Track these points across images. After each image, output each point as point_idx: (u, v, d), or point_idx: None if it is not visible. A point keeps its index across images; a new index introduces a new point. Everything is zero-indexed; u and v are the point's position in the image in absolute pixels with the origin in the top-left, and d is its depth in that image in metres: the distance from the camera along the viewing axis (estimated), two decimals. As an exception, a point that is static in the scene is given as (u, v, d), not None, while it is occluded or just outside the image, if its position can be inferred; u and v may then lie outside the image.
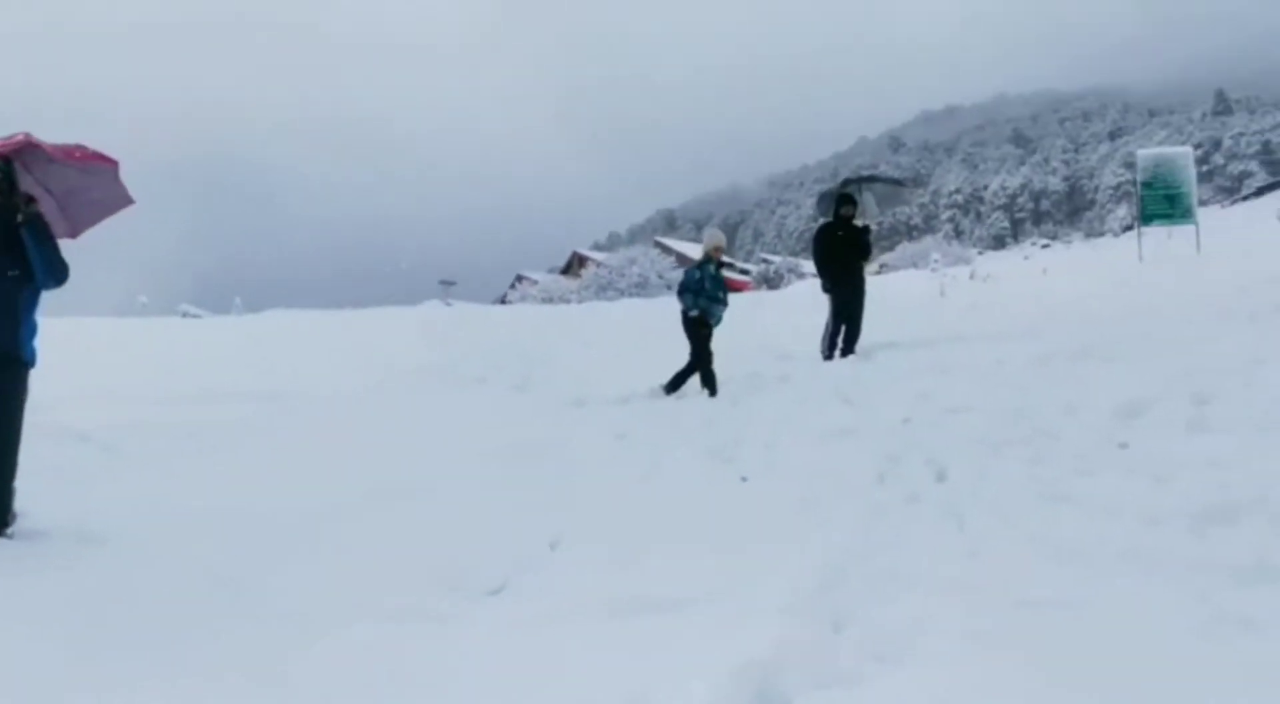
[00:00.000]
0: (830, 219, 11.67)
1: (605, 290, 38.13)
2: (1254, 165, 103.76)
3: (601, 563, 4.53)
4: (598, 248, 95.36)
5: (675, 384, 10.12)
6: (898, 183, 13.93)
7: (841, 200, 11.51)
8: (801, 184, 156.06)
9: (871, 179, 13.29)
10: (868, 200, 12.29)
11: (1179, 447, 5.23)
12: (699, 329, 10.22)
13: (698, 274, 10.43)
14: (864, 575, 3.83)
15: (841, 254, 11.34)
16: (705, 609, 3.73)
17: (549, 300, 38.22)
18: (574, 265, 66.61)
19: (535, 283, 50.08)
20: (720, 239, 10.99)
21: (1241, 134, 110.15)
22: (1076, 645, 2.88)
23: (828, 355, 11.14)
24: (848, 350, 11.04)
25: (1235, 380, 6.35)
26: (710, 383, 9.99)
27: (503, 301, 46.32)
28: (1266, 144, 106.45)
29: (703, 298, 10.24)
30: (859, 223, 11.61)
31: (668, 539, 4.73)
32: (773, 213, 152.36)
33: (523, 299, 42.16)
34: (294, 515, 5.78)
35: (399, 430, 8.43)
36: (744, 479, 5.91)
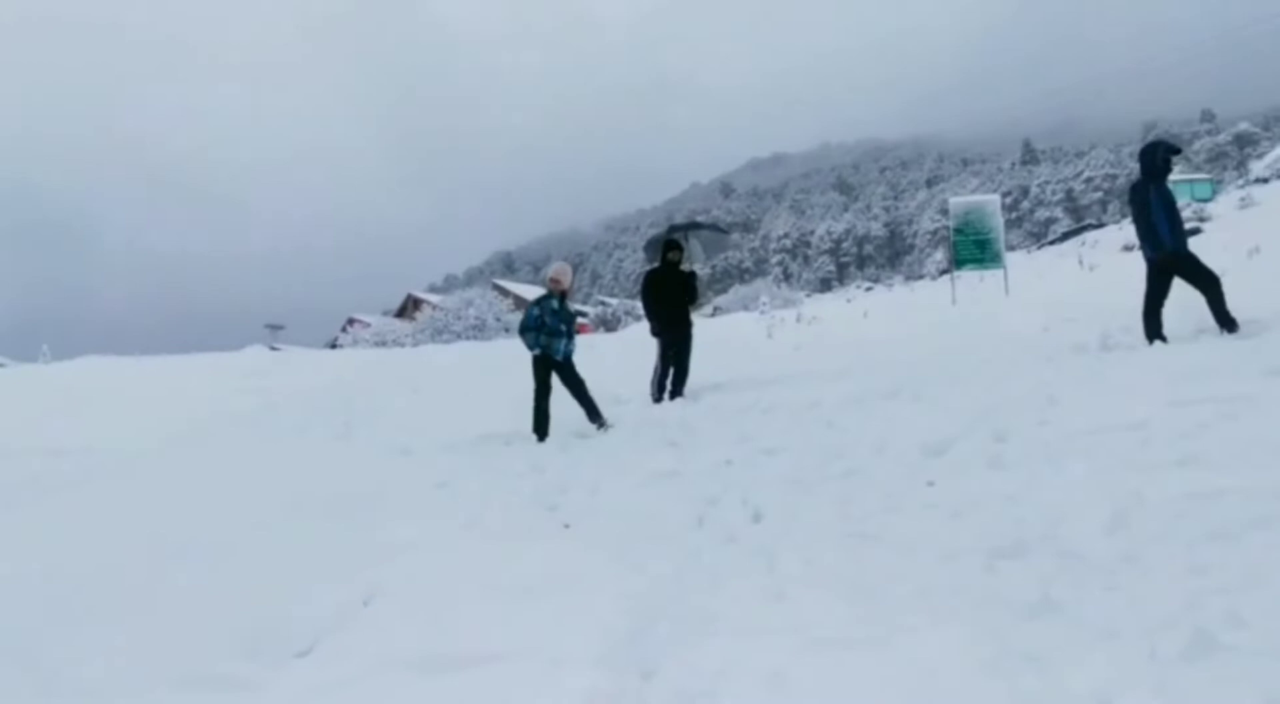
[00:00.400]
0: (658, 264, 11.86)
1: (441, 333, 37.65)
2: (1059, 211, 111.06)
3: (416, 618, 4.41)
4: (434, 290, 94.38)
5: (592, 413, 10.11)
6: (722, 230, 14.29)
7: (668, 246, 11.71)
8: (637, 228, 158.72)
9: (697, 226, 13.58)
10: (694, 246, 12.57)
11: (979, 483, 5.47)
12: (547, 368, 10.11)
13: (536, 311, 10.28)
14: (676, 620, 3.85)
15: (669, 298, 11.52)
16: (518, 662, 3.67)
17: (382, 343, 37.48)
18: (409, 308, 65.72)
19: (368, 325, 49.01)
20: (560, 271, 10.67)
21: (1047, 182, 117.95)
22: (869, 685, 2.96)
23: (656, 398, 11.27)
24: (676, 392, 11.20)
25: (1031, 418, 6.70)
26: (542, 428, 9.91)
27: (333, 345, 45.17)
28: (1069, 192, 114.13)
29: (543, 335, 10.13)
30: (686, 267, 11.84)
31: (485, 591, 4.64)
32: (610, 255, 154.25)
33: (354, 342, 41.15)
34: (88, 578, 5.44)
35: (207, 484, 8.06)
36: (566, 526, 5.88)
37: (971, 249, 25.48)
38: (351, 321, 58.76)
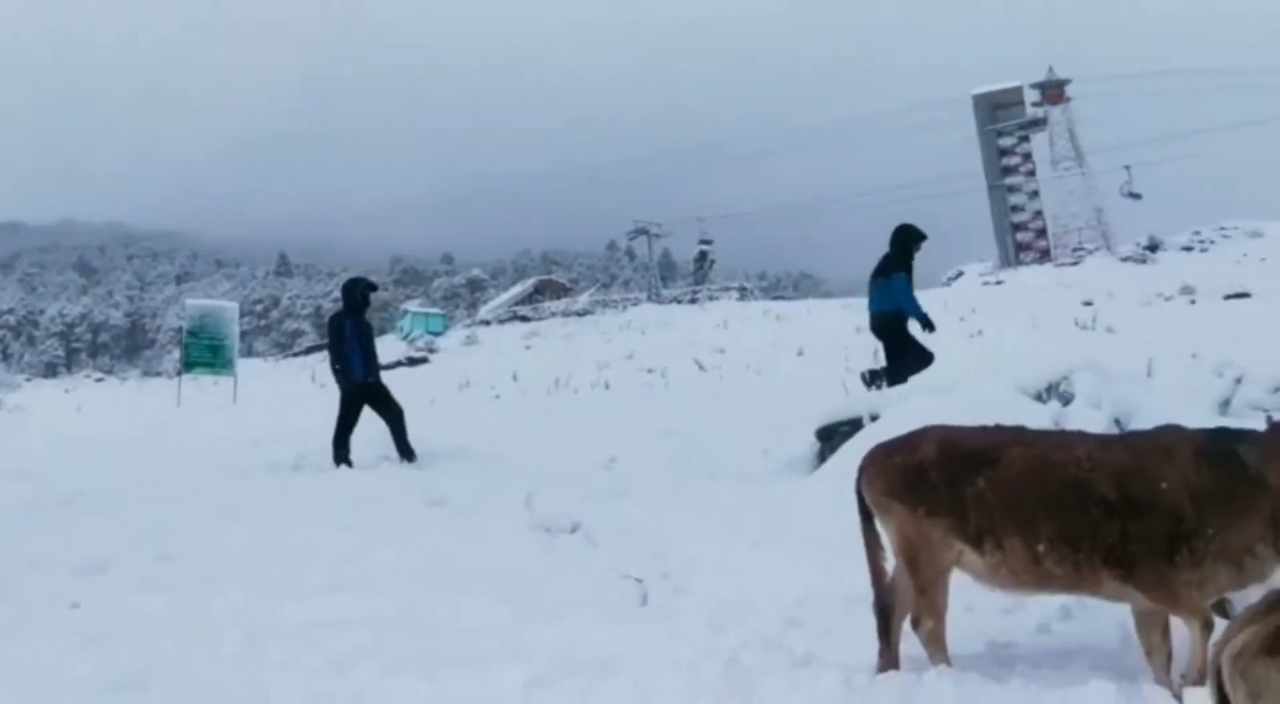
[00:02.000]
0: None
1: None
2: (307, 325, 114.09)
3: None
4: None
5: None
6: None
7: None
8: None
9: None
10: None
11: (129, 606, 5.18)
12: None
13: None
14: None
15: None
16: None
17: None
18: None
19: None
20: None
21: (298, 296, 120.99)
22: None
23: None
24: None
25: (206, 537, 6.58)
26: None
27: None
28: (319, 308, 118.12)
29: None
30: None
31: None
32: None
33: None
34: None
35: None
36: None
37: (205, 353, 25.09)
38: None
